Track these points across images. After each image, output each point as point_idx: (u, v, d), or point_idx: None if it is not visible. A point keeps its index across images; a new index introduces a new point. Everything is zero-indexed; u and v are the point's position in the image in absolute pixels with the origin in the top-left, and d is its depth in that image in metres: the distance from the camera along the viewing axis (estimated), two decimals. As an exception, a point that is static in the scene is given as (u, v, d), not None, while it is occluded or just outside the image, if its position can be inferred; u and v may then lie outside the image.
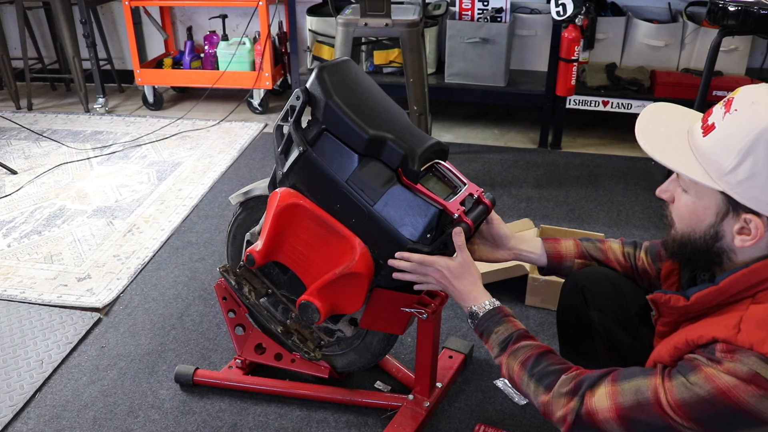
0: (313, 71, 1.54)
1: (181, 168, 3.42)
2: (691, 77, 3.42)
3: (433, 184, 1.51)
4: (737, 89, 1.08)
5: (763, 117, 1.00)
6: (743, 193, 1.02)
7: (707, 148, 1.06)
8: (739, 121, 1.02)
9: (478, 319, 1.35)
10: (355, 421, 1.84)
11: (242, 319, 1.93)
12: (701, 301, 1.10)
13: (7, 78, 4.26)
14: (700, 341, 1.04)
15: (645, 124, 1.16)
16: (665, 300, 1.16)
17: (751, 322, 1.01)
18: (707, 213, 1.08)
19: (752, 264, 1.06)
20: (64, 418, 1.88)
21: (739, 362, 0.98)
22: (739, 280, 1.06)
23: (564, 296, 1.57)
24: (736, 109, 1.04)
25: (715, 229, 1.08)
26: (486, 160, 3.45)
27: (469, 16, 3.63)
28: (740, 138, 1.01)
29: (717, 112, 1.07)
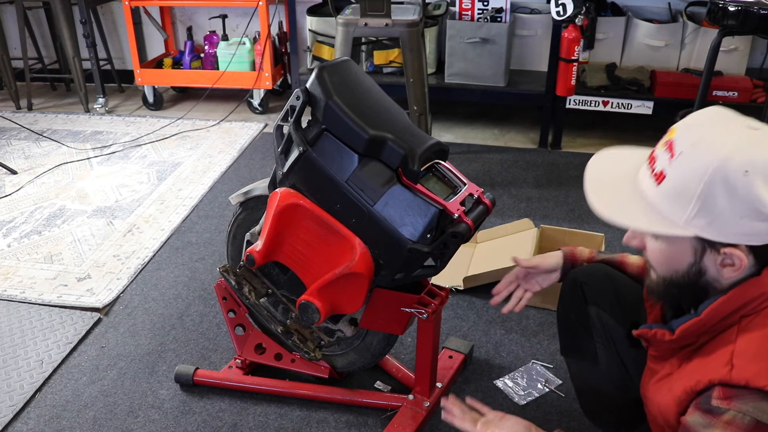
0: (313, 71, 1.54)
1: (181, 168, 3.42)
2: (691, 77, 3.42)
3: (433, 184, 1.51)
4: (672, 129, 1.05)
5: (711, 156, 0.97)
6: (715, 232, 1.00)
7: (664, 198, 1.03)
8: (687, 165, 1.00)
9: None
10: (355, 421, 1.84)
11: (242, 319, 1.93)
12: (686, 334, 1.09)
13: (7, 78, 4.26)
14: (698, 387, 1.02)
15: (594, 186, 1.13)
16: (651, 335, 1.15)
17: (743, 356, 1.00)
18: (684, 255, 1.06)
19: (729, 290, 1.04)
20: (64, 418, 1.88)
21: (738, 410, 0.96)
22: (719, 308, 1.04)
23: (564, 294, 1.58)
24: (681, 153, 1.00)
25: (697, 267, 1.06)
26: (486, 160, 3.45)
27: (469, 16, 3.63)
28: (694, 183, 0.98)
29: (661, 157, 1.04)
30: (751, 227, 0.98)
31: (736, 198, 0.96)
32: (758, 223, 0.97)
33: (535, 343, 2.11)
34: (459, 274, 2.36)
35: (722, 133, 1.00)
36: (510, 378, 1.97)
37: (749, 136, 0.98)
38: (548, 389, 1.93)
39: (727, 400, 0.97)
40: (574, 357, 1.62)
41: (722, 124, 1.02)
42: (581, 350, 1.55)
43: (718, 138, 0.99)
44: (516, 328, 2.18)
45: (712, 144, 0.99)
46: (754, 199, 0.95)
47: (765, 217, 0.96)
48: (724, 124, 1.02)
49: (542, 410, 1.86)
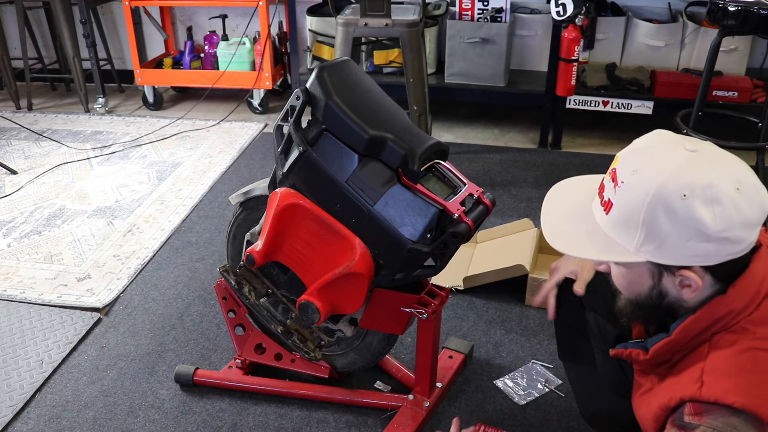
0: (313, 71, 1.54)
1: (181, 168, 3.42)
2: (691, 77, 3.42)
3: (433, 184, 1.51)
4: (616, 157, 1.07)
5: (649, 183, 0.99)
6: (664, 256, 1.01)
7: (613, 226, 1.05)
8: (629, 193, 1.01)
9: None
10: (355, 421, 1.84)
11: (242, 319, 1.93)
12: (659, 353, 1.10)
13: (7, 78, 4.26)
14: (671, 404, 1.04)
15: (549, 219, 1.15)
16: (627, 355, 1.17)
17: (712, 373, 1.01)
18: (643, 278, 1.08)
19: (698, 309, 1.05)
20: (64, 418, 1.88)
21: (709, 426, 0.97)
22: (688, 327, 1.05)
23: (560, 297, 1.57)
24: (623, 181, 1.02)
25: (657, 289, 1.07)
26: (486, 160, 3.45)
27: (469, 16, 3.63)
28: (637, 210, 1.00)
29: (608, 186, 1.06)
30: (699, 248, 0.99)
31: (679, 222, 0.97)
32: (704, 244, 0.98)
33: (535, 343, 2.11)
34: (459, 274, 2.36)
35: (660, 158, 1.01)
36: (510, 378, 1.97)
37: (687, 159, 0.99)
38: (548, 389, 1.93)
39: (698, 415, 0.99)
40: (571, 361, 1.62)
41: (661, 149, 1.03)
42: (579, 354, 1.55)
43: (657, 163, 1.00)
44: (516, 328, 2.18)
45: (651, 170, 1.00)
46: (695, 221, 0.96)
47: (709, 237, 0.97)
48: (663, 149, 1.03)
49: (542, 410, 1.86)
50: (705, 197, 0.96)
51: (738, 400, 0.96)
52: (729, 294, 1.03)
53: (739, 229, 0.98)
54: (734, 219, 0.96)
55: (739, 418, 0.96)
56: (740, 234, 0.98)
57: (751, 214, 0.98)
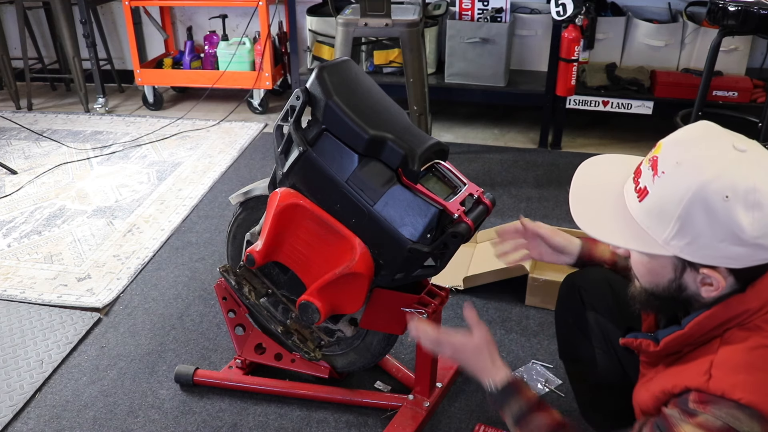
0: (313, 71, 1.54)
1: (181, 168, 3.42)
2: (691, 77, 3.42)
3: (433, 184, 1.51)
4: (658, 144, 1.05)
5: (692, 178, 0.97)
6: (693, 253, 1.01)
7: (645, 214, 1.03)
8: (669, 185, 1.00)
9: (494, 395, 1.33)
10: (355, 421, 1.84)
11: (242, 319, 1.93)
12: (670, 346, 1.10)
13: (7, 78, 4.26)
14: (675, 391, 1.04)
15: (578, 196, 1.14)
16: (637, 345, 1.17)
17: (721, 367, 1.01)
18: (665, 270, 1.07)
19: (714, 306, 1.04)
20: (64, 418, 1.88)
21: (712, 415, 0.97)
22: (702, 322, 1.05)
23: (561, 298, 1.57)
24: (664, 172, 1.00)
25: (677, 282, 1.07)
26: (486, 160, 3.45)
27: (469, 16, 3.63)
28: (675, 203, 0.99)
29: (646, 173, 1.04)
30: (730, 251, 0.98)
31: (716, 222, 0.96)
32: (737, 248, 0.97)
33: (535, 343, 2.11)
34: (459, 274, 2.36)
35: (707, 154, 0.99)
36: (510, 378, 1.97)
37: (734, 159, 0.98)
38: (548, 389, 1.93)
39: (703, 404, 0.99)
40: (572, 361, 1.62)
41: (709, 144, 1.01)
42: (579, 354, 1.55)
43: (702, 159, 0.99)
44: (516, 328, 2.18)
45: (695, 165, 0.98)
46: (733, 224, 0.95)
47: (743, 242, 0.96)
48: (710, 144, 1.01)
49: (542, 410, 1.86)
50: (747, 201, 0.95)
51: (745, 397, 0.96)
52: (747, 293, 1.02)
53: None
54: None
55: (744, 413, 0.96)
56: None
57: None
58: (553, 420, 1.26)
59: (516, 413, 1.28)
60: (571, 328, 1.56)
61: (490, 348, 1.36)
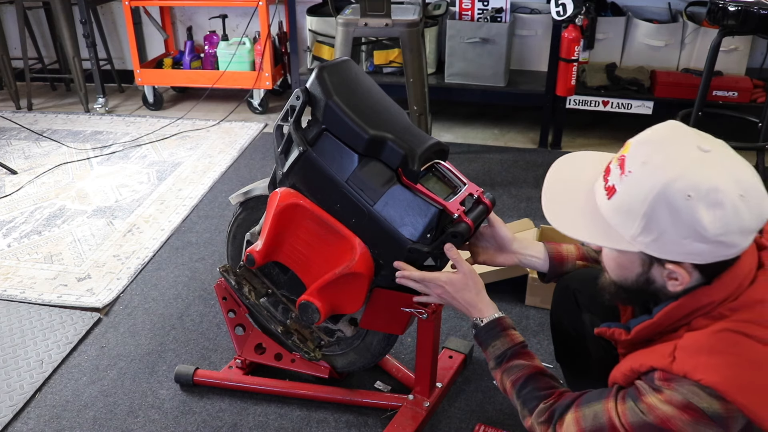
0: (313, 71, 1.54)
1: (181, 168, 3.42)
2: (691, 77, 3.42)
3: (433, 184, 1.51)
4: (627, 144, 1.08)
5: (657, 177, 1.00)
6: (658, 249, 1.04)
7: (613, 212, 1.07)
8: (635, 184, 1.03)
9: (479, 330, 1.37)
10: (355, 421, 1.84)
11: (242, 319, 1.93)
12: (641, 334, 1.14)
13: (7, 78, 4.26)
14: (641, 369, 1.09)
15: (550, 194, 1.17)
16: (610, 334, 1.21)
17: (685, 350, 1.04)
18: (633, 265, 1.10)
19: (681, 297, 1.08)
20: (64, 418, 1.88)
21: (675, 391, 1.02)
22: (670, 312, 1.09)
23: (556, 300, 1.57)
24: (630, 171, 1.03)
25: (645, 276, 1.11)
26: (486, 160, 3.45)
27: (469, 16, 3.63)
28: (640, 201, 1.02)
29: (614, 172, 1.07)
30: (693, 247, 1.01)
31: (679, 220, 0.99)
32: (700, 244, 1.00)
33: (535, 343, 2.11)
34: (459, 274, 2.36)
35: (672, 154, 1.02)
36: (510, 378, 1.97)
37: (697, 159, 1.00)
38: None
39: (666, 381, 1.04)
40: (568, 363, 1.61)
41: (674, 144, 1.04)
42: (576, 357, 1.55)
43: (667, 159, 1.01)
44: (516, 328, 2.18)
45: (660, 165, 1.01)
46: (695, 222, 0.98)
47: (705, 239, 0.99)
48: (676, 144, 1.04)
49: (542, 410, 1.86)
50: (709, 200, 0.97)
51: (705, 377, 1.00)
52: (713, 286, 1.06)
53: (736, 235, 1.00)
54: (733, 225, 0.98)
55: (705, 391, 1.00)
56: (736, 239, 1.00)
57: (749, 222, 1.00)
58: (534, 366, 1.29)
59: (499, 353, 1.32)
60: (566, 331, 1.56)
61: (476, 282, 1.39)
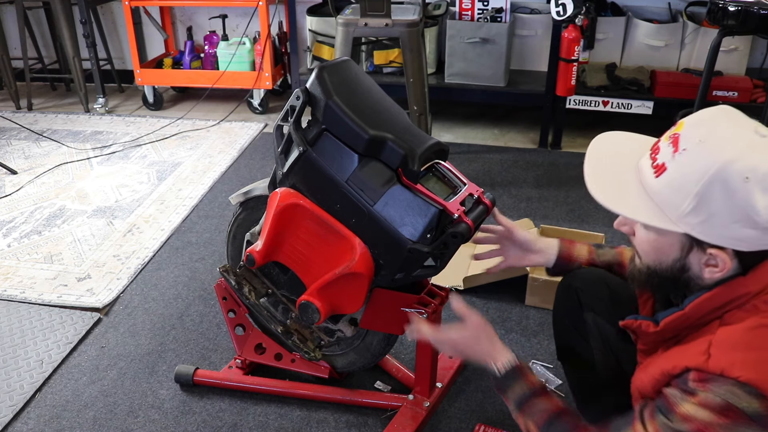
0: (313, 71, 1.54)
1: (181, 168, 3.42)
2: (691, 77, 3.42)
3: (433, 184, 1.51)
4: (680, 123, 1.05)
5: (714, 157, 0.98)
6: (705, 232, 1.01)
7: (661, 190, 1.03)
8: (690, 162, 1.00)
9: (497, 379, 1.34)
10: (355, 421, 1.84)
11: (242, 319, 1.93)
12: (670, 327, 1.11)
13: (7, 78, 4.26)
14: (674, 371, 1.05)
15: (593, 169, 1.13)
16: (636, 326, 1.17)
17: (720, 346, 1.02)
18: (672, 249, 1.07)
19: (715, 287, 1.05)
20: (64, 418, 1.88)
21: (711, 392, 0.98)
22: (702, 304, 1.06)
23: (558, 299, 1.57)
24: (685, 149, 1.01)
25: (681, 262, 1.07)
26: (486, 160, 3.45)
27: (469, 16, 3.63)
28: (694, 181, 0.99)
29: (665, 150, 1.04)
30: (741, 233, 0.99)
31: (733, 202, 0.97)
32: (748, 230, 0.98)
33: (535, 343, 2.11)
34: (459, 274, 2.36)
35: (730, 135, 1.00)
36: (510, 378, 1.97)
37: (756, 143, 0.98)
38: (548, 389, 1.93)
39: (702, 383, 1.00)
40: (570, 362, 1.62)
41: (731, 126, 1.02)
42: (578, 355, 1.55)
43: (725, 140, 0.99)
44: (516, 328, 2.18)
45: (718, 145, 0.99)
46: (749, 206, 0.96)
47: (756, 225, 0.97)
48: (733, 127, 1.02)
49: (542, 410, 1.86)
50: (765, 185, 0.96)
51: (743, 374, 0.97)
52: (749, 277, 1.04)
53: None
54: None
55: (743, 390, 0.97)
56: None
57: None
58: (556, 406, 1.26)
59: (519, 397, 1.29)
60: (569, 330, 1.56)
61: (488, 332, 1.37)
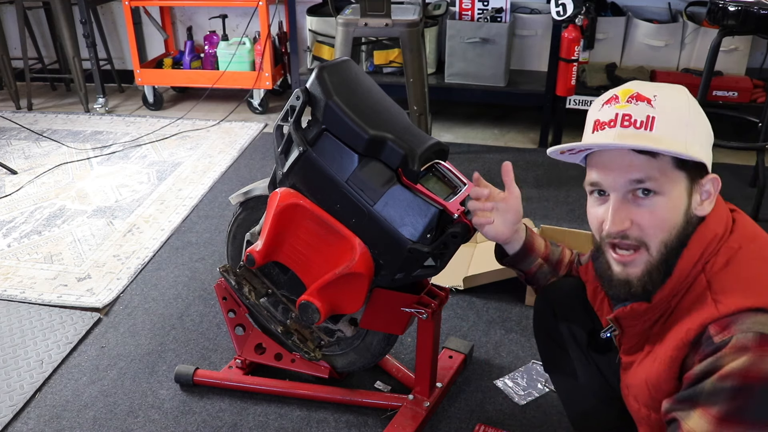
0: (313, 71, 1.54)
1: (181, 168, 3.42)
2: (691, 77, 3.42)
3: (433, 184, 1.51)
4: (621, 92, 1.11)
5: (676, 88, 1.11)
6: (706, 155, 1.10)
7: (664, 135, 1.06)
8: (669, 101, 1.09)
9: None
10: (355, 421, 1.84)
11: (242, 319, 1.93)
12: (663, 298, 1.11)
13: (7, 78, 4.26)
14: (690, 336, 1.03)
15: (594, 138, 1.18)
16: (628, 311, 1.15)
17: (722, 291, 1.04)
18: (680, 201, 1.09)
19: (688, 241, 1.09)
20: (64, 418, 1.88)
21: (739, 332, 0.96)
22: (684, 259, 1.08)
23: (536, 313, 1.57)
24: (655, 95, 1.08)
25: (688, 213, 1.09)
26: (486, 160, 3.45)
27: (469, 16, 3.63)
28: (683, 111, 1.09)
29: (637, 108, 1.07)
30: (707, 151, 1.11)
31: (703, 120, 1.11)
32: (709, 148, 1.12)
33: (534, 344, 2.11)
34: (459, 274, 2.36)
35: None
36: (510, 378, 1.97)
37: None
38: (548, 389, 1.93)
39: (726, 329, 0.98)
40: (555, 373, 1.61)
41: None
42: (560, 367, 1.55)
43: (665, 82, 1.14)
44: (516, 328, 2.18)
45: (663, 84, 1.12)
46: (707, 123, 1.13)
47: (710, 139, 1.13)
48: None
49: (542, 410, 1.86)
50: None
51: (757, 301, 0.99)
52: (708, 220, 1.10)
53: None
54: None
55: (765, 315, 0.97)
56: None
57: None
58: None
59: None
60: (548, 342, 1.56)
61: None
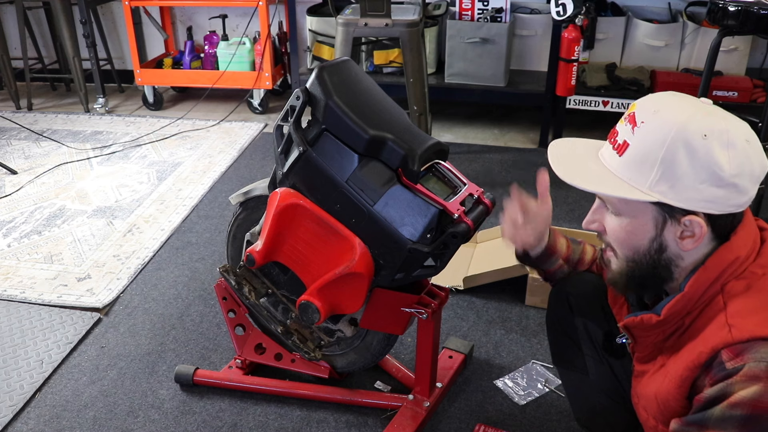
0: (313, 71, 1.54)
1: (181, 168, 3.42)
2: (691, 77, 3.42)
3: (433, 184, 1.51)
4: (633, 104, 1.10)
5: (672, 120, 1.02)
6: (676, 197, 1.02)
7: (627, 166, 1.06)
8: (650, 131, 1.04)
9: None
10: (355, 421, 1.84)
11: (242, 319, 1.93)
12: (673, 312, 1.09)
13: (7, 78, 4.26)
14: (702, 359, 1.01)
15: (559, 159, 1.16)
16: (638, 322, 1.15)
17: (737, 315, 1.01)
18: (646, 228, 1.08)
19: (706, 261, 1.06)
20: (64, 418, 1.88)
21: (751, 360, 0.95)
22: (699, 279, 1.05)
23: (551, 304, 1.57)
24: (643, 122, 1.05)
25: (658, 241, 1.08)
26: (486, 160, 3.45)
27: (469, 16, 3.63)
28: (657, 147, 1.02)
29: (623, 130, 1.08)
30: (710, 193, 1.01)
31: (697, 161, 1.00)
32: (717, 189, 1.01)
33: (535, 343, 2.11)
34: (459, 274, 2.36)
35: (680, 103, 1.07)
36: (510, 378, 1.97)
37: (705, 108, 1.05)
38: (548, 389, 1.93)
39: (739, 357, 0.97)
40: (564, 367, 1.61)
41: (680, 97, 1.09)
42: (571, 361, 1.54)
43: (678, 107, 1.05)
44: (516, 328, 2.18)
45: (673, 111, 1.04)
46: (712, 162, 0.99)
47: (722, 181, 1.00)
48: (681, 97, 1.09)
49: (542, 410, 1.86)
50: (722, 141, 0.99)
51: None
52: (733, 241, 1.05)
53: (747, 179, 1.01)
54: (745, 167, 1.00)
55: None
56: (747, 184, 1.01)
57: (757, 166, 1.02)
58: None
59: None
60: (561, 335, 1.55)
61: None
